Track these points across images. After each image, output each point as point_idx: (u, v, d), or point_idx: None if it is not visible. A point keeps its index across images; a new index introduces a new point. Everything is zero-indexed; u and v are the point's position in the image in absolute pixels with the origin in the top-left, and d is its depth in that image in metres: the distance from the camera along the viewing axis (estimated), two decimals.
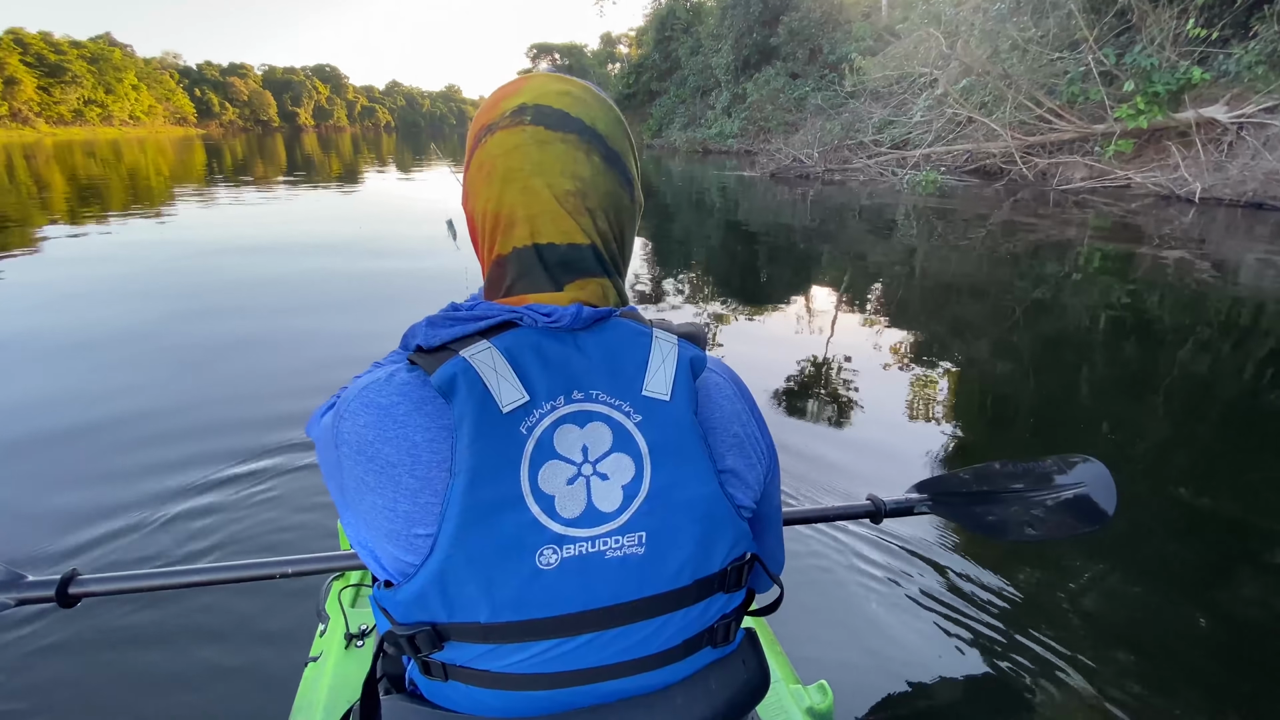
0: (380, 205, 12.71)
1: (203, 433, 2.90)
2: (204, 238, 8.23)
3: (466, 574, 0.52)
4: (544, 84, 0.62)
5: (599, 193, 0.60)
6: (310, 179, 17.95)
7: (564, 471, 0.54)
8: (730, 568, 0.60)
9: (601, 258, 0.62)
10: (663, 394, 0.57)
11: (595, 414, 0.55)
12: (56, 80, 69.56)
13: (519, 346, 0.55)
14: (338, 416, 0.56)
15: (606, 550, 0.54)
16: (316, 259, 6.98)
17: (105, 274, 6.16)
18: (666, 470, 0.56)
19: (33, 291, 5.54)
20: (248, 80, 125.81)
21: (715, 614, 0.61)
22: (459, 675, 0.56)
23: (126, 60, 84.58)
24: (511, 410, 0.53)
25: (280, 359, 3.95)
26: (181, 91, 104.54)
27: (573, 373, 0.55)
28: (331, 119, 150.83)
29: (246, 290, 5.68)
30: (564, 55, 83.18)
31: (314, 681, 1.16)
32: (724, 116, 30.36)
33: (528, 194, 0.58)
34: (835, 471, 2.58)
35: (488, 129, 0.61)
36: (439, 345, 0.55)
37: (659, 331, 0.60)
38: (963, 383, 3.71)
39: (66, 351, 4.01)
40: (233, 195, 13.33)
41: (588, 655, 0.56)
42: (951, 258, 7.20)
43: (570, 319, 0.56)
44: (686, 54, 35.84)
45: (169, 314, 4.87)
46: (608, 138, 0.61)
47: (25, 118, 63.46)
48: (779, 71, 25.33)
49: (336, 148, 42.67)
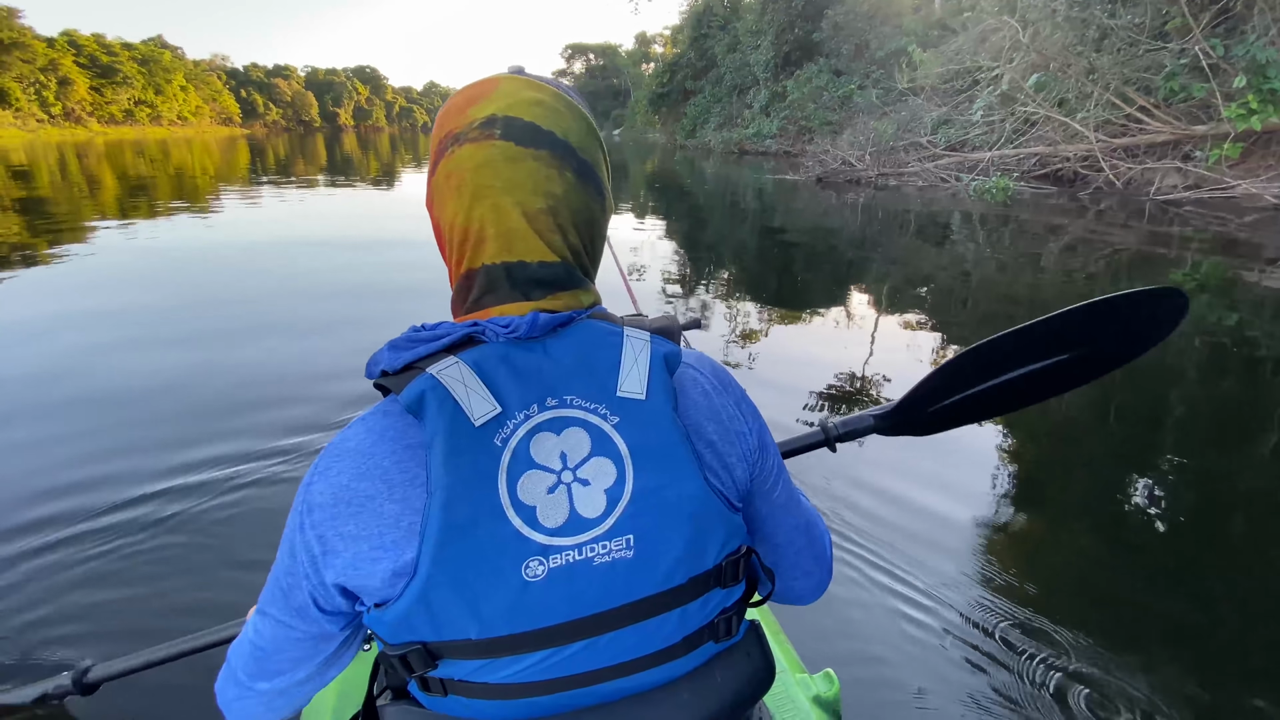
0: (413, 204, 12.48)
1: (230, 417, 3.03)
2: (245, 234, 8.53)
3: (450, 593, 0.51)
4: (514, 90, 0.59)
5: (571, 208, 0.59)
6: (349, 178, 18.31)
7: (544, 481, 0.53)
8: (725, 563, 0.59)
9: (572, 271, 0.60)
10: (638, 393, 0.55)
11: (571, 419, 0.54)
12: (108, 81, 71.62)
13: (487, 359, 0.54)
14: (305, 487, 0.55)
15: (594, 557, 0.53)
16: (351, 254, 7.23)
17: (149, 265, 6.55)
18: (649, 471, 0.54)
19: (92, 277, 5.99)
20: (291, 81, 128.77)
21: (714, 609, 0.60)
22: (457, 689, 0.55)
23: (175, 62, 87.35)
24: (484, 423, 0.52)
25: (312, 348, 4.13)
26: (227, 92, 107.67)
27: (545, 380, 0.55)
28: (370, 119, 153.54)
29: (276, 285, 5.91)
30: (598, 55, 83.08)
31: None
32: (761, 116, 29.33)
33: (498, 212, 0.57)
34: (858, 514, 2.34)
35: (455, 138, 0.59)
36: (403, 366, 0.54)
37: (630, 330, 0.58)
38: (1018, 425, 3.09)
39: (128, 342, 4.24)
40: (275, 193, 13.71)
41: (586, 660, 0.55)
42: (1021, 275, 6.30)
43: (527, 327, 0.55)
44: (723, 51, 34.87)
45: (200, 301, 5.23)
46: (580, 150, 0.60)
47: (78, 117, 65.02)
48: (822, 69, 24.17)
49: (375, 147, 43.40)
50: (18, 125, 53.36)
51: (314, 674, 0.61)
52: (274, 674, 0.60)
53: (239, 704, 0.63)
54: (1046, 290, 5.67)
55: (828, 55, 24.45)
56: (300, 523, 0.54)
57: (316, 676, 0.61)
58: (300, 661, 0.59)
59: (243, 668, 0.61)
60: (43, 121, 58.05)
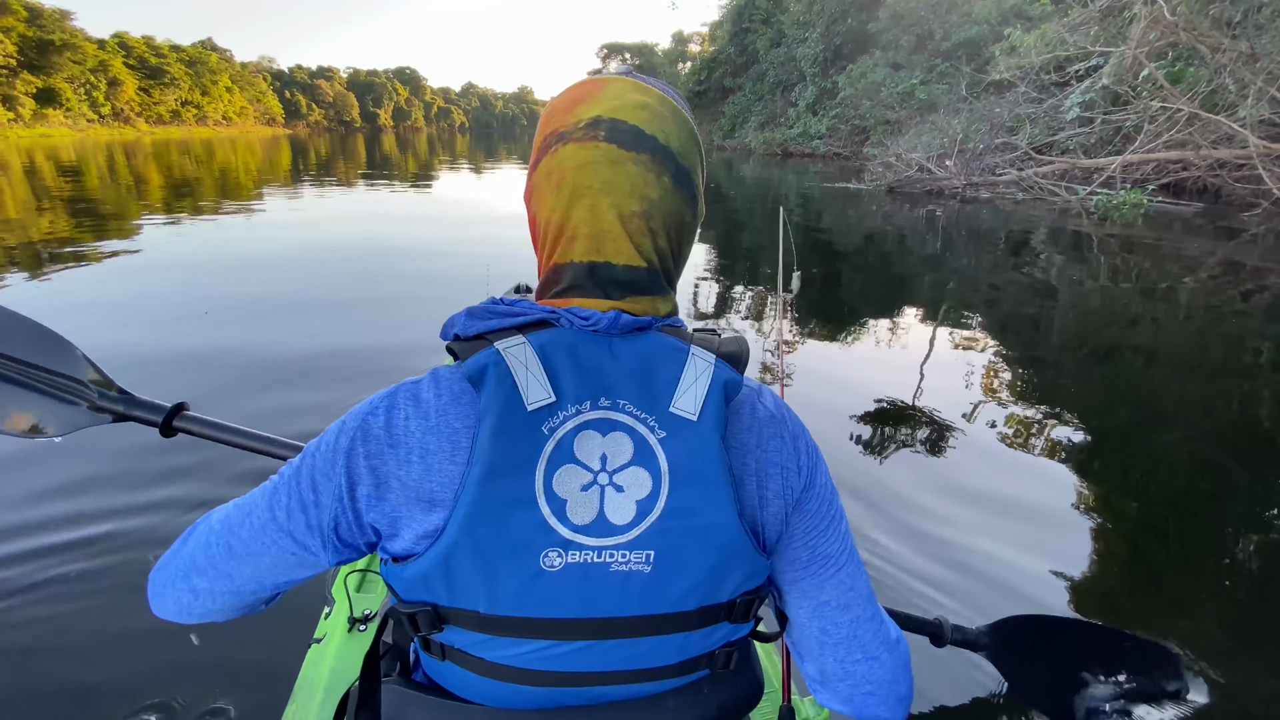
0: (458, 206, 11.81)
1: None
2: (291, 235, 8.42)
3: (470, 563, 0.52)
4: (621, 93, 0.59)
5: (664, 213, 0.59)
6: (388, 177, 18.06)
7: (579, 477, 0.53)
8: (739, 600, 0.58)
9: (655, 276, 0.60)
10: (690, 413, 0.55)
11: (619, 424, 0.54)
12: (156, 82, 73.20)
13: (553, 345, 0.54)
14: (365, 415, 0.55)
15: (612, 563, 0.53)
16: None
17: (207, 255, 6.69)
18: (685, 493, 0.54)
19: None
20: (333, 82, 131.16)
21: (718, 641, 0.60)
22: (455, 658, 0.57)
23: (221, 64, 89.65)
24: (536, 409, 0.52)
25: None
26: (272, 94, 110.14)
27: (603, 379, 0.55)
28: (409, 119, 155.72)
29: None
30: (634, 55, 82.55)
31: (316, 662, 1.17)
32: (808, 114, 28.16)
33: (594, 213, 0.57)
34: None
35: (559, 137, 0.59)
36: (475, 335, 0.56)
37: (697, 349, 0.58)
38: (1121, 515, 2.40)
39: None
40: (317, 191, 13.71)
41: (582, 660, 0.55)
42: (1146, 315, 5.07)
43: (607, 323, 0.55)
44: (766, 46, 33.79)
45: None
46: (680, 155, 0.60)
47: (126, 117, 66.38)
48: (878, 62, 22.90)
49: (413, 147, 43.46)
50: (68, 124, 54.84)
51: (258, 592, 0.61)
52: (225, 575, 0.59)
53: (165, 592, 0.62)
54: (1186, 335, 4.53)
55: (884, 48, 23.14)
56: (350, 446, 0.54)
57: (254, 597, 0.61)
58: (263, 573, 0.59)
59: (191, 558, 0.61)
60: (92, 121, 59.60)
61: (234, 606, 0.62)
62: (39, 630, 1.64)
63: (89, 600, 1.75)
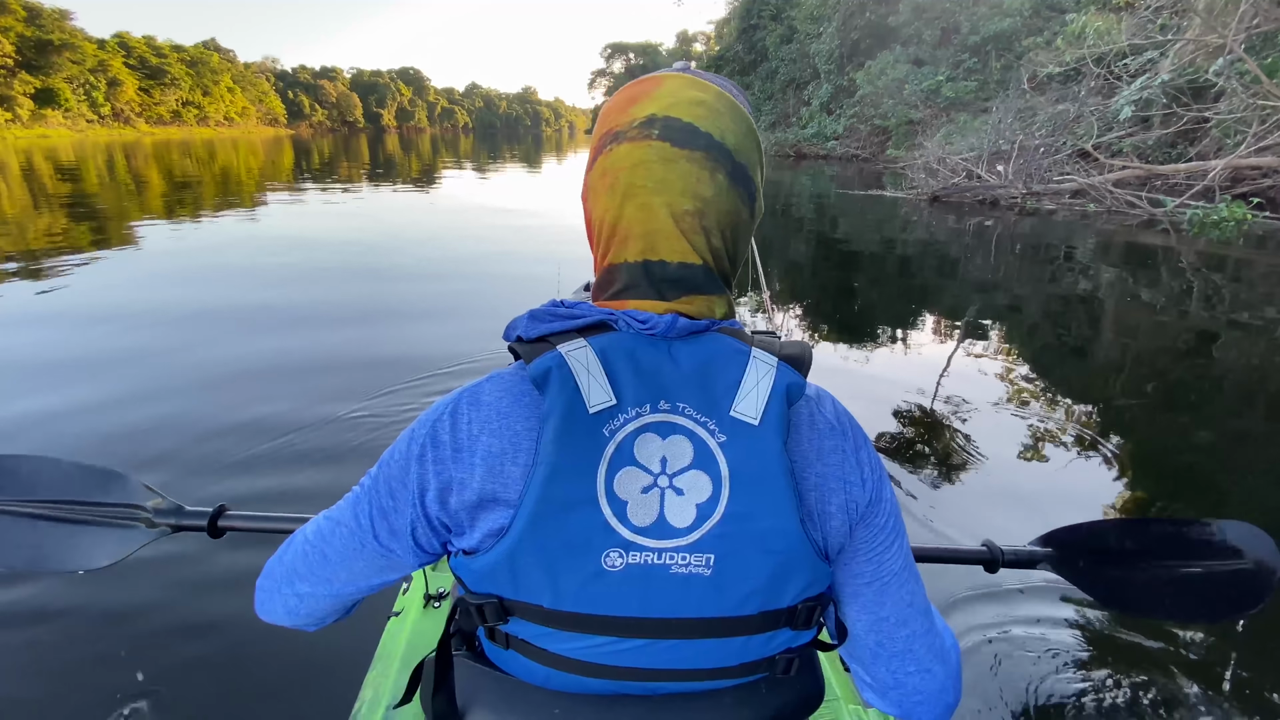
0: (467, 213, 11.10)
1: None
2: (288, 234, 8.59)
3: (534, 560, 0.53)
4: (678, 90, 0.59)
5: (718, 211, 0.58)
6: (390, 179, 17.74)
7: (640, 479, 0.53)
8: (801, 606, 0.57)
9: (711, 275, 0.60)
10: (751, 417, 0.54)
11: (679, 427, 0.54)
12: (156, 82, 71.28)
13: (614, 349, 0.55)
14: (433, 422, 0.57)
15: (672, 565, 0.53)
16: None
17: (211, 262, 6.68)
18: (746, 497, 0.54)
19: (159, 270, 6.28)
20: (336, 83, 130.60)
21: (779, 647, 0.59)
22: (519, 648, 0.58)
23: (223, 64, 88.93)
24: (598, 412, 0.53)
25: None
26: (274, 94, 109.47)
27: (662, 382, 0.55)
28: (413, 120, 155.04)
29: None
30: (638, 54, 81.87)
31: (395, 634, 1.25)
32: (822, 114, 27.26)
33: (645, 211, 0.57)
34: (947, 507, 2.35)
35: (614, 137, 0.59)
36: (537, 337, 0.56)
37: (758, 351, 0.57)
38: None
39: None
40: (320, 194, 13.50)
41: (642, 658, 0.56)
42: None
43: (664, 327, 0.56)
44: (776, 43, 32.90)
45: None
46: (736, 152, 0.59)
47: (126, 118, 64.71)
48: (899, 58, 21.96)
49: (416, 148, 43.29)
50: (67, 125, 54.19)
51: (355, 595, 0.64)
52: (325, 580, 0.62)
53: (273, 599, 0.65)
54: None
55: (905, 42, 22.17)
56: (421, 453, 0.56)
57: (353, 600, 0.65)
58: (359, 577, 0.62)
59: (292, 566, 0.64)
60: (92, 122, 58.83)
61: (335, 609, 0.65)
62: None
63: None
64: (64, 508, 0.99)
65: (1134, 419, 3.27)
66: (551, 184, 18.05)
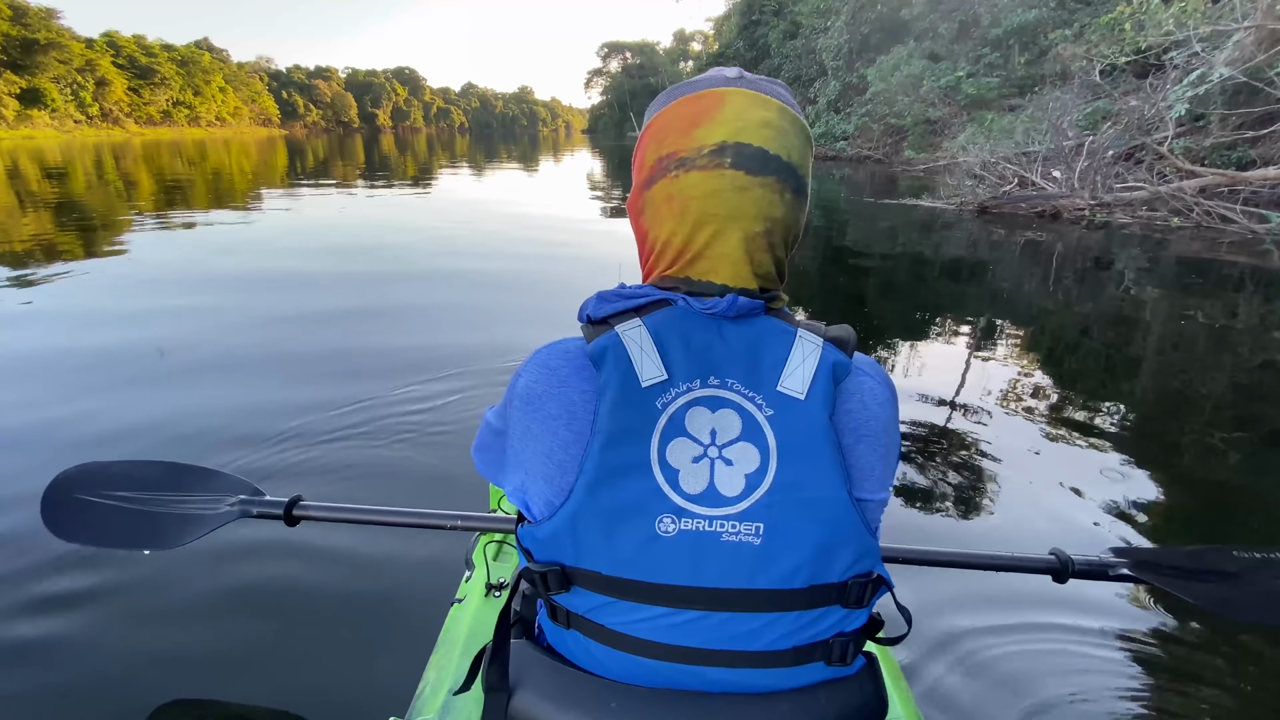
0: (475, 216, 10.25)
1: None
2: (274, 236, 8.38)
3: (593, 524, 0.56)
4: (743, 110, 0.59)
5: (784, 227, 0.61)
6: (388, 179, 17.16)
7: (690, 449, 0.56)
8: (851, 583, 0.58)
9: (764, 291, 0.62)
10: (798, 392, 0.57)
11: (727, 401, 0.57)
12: (146, 82, 70.01)
13: (666, 327, 0.58)
14: (515, 375, 0.62)
15: (723, 532, 0.55)
16: None
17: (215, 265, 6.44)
18: (793, 468, 0.56)
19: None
20: (331, 83, 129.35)
21: (830, 628, 0.59)
22: (578, 624, 0.60)
23: (215, 64, 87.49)
24: (650, 385, 0.56)
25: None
26: (267, 94, 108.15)
27: (712, 359, 0.57)
28: (408, 120, 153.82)
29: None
30: (635, 53, 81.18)
31: (457, 620, 1.27)
32: (830, 112, 26.44)
33: (720, 238, 0.60)
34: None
35: (680, 163, 0.60)
36: (602, 318, 0.60)
37: (804, 332, 0.60)
38: None
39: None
40: (314, 194, 13.19)
41: (695, 634, 0.56)
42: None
43: (725, 305, 0.58)
44: (778, 39, 32.12)
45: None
46: (799, 167, 0.61)
47: (115, 118, 63.75)
48: (913, 53, 21.18)
49: (412, 148, 42.41)
50: (54, 126, 52.87)
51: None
52: (480, 449, 0.71)
53: (476, 454, 0.72)
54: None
55: (920, 36, 21.40)
56: (509, 400, 0.63)
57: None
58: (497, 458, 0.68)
59: (478, 437, 0.72)
60: (80, 122, 57.46)
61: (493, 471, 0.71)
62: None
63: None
64: (152, 499, 1.19)
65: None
66: (568, 187, 17.23)
